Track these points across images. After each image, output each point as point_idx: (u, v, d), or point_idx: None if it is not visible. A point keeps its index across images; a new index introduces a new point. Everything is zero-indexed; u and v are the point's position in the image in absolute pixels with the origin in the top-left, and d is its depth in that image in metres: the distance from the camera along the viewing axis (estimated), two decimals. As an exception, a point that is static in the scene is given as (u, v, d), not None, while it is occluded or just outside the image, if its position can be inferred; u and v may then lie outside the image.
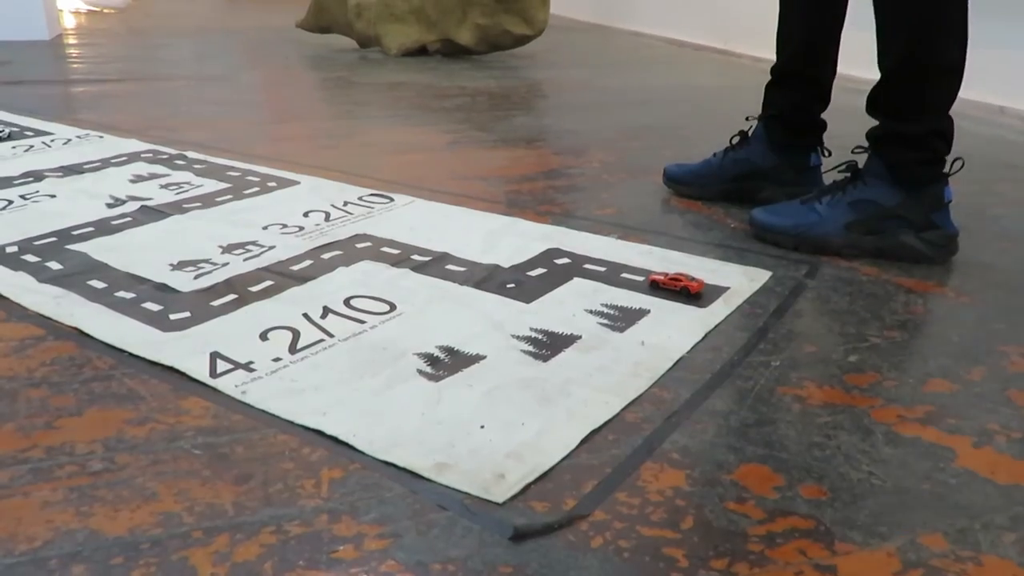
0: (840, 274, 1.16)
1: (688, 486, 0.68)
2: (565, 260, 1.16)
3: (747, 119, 1.49)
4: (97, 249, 1.18)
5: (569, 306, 1.01)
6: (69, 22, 4.56)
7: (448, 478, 0.68)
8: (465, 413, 0.78)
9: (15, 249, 1.18)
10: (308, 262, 1.14)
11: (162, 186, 1.49)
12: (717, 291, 1.07)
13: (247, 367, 0.86)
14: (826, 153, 1.43)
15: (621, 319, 0.98)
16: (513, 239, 1.24)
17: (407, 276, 1.10)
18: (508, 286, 1.07)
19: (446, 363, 0.87)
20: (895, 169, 1.20)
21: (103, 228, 1.27)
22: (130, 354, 0.89)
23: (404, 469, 0.70)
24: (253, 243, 1.21)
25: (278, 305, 1.01)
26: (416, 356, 0.88)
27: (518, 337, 0.93)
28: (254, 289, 1.05)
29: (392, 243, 1.22)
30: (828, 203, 1.24)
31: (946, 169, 1.20)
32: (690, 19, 4.01)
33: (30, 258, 1.15)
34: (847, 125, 1.40)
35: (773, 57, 1.43)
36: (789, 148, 1.43)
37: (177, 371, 0.85)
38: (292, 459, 0.71)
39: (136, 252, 1.17)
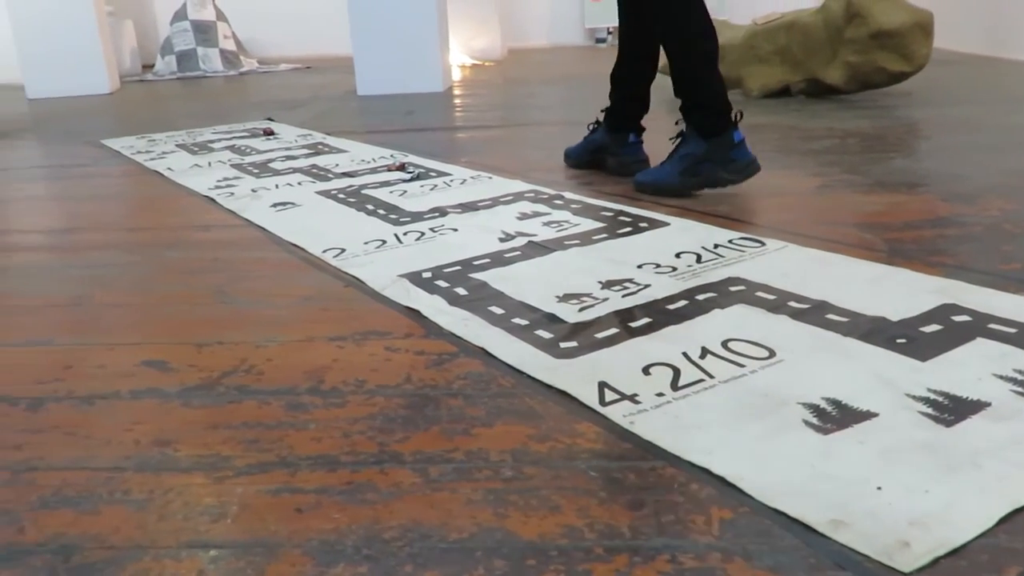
0: None
1: None
2: (964, 318, 1.06)
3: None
4: (494, 278, 1.32)
5: (973, 369, 0.92)
6: (456, 75, 5.18)
7: (844, 536, 0.66)
8: (858, 471, 0.74)
9: (429, 275, 1.36)
10: (683, 302, 1.17)
11: (544, 223, 1.63)
12: None
13: (632, 399, 0.90)
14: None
15: (1040, 389, 0.87)
16: (900, 291, 1.17)
17: (785, 323, 1.08)
18: (898, 341, 1.00)
19: (834, 416, 0.84)
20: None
21: (497, 260, 1.42)
22: (528, 376, 0.98)
23: (796, 520, 0.69)
24: (629, 280, 1.27)
25: (657, 342, 1.05)
26: (801, 405, 0.86)
27: (914, 397, 0.87)
28: (634, 325, 1.10)
29: (767, 288, 1.21)
30: (669, 162, 1.82)
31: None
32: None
33: (441, 283, 1.32)
34: None
35: None
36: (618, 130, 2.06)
37: (569, 396, 0.93)
38: (681, 493, 0.74)
39: (526, 283, 1.29)
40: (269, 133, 3.04)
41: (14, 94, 5.14)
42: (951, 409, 0.84)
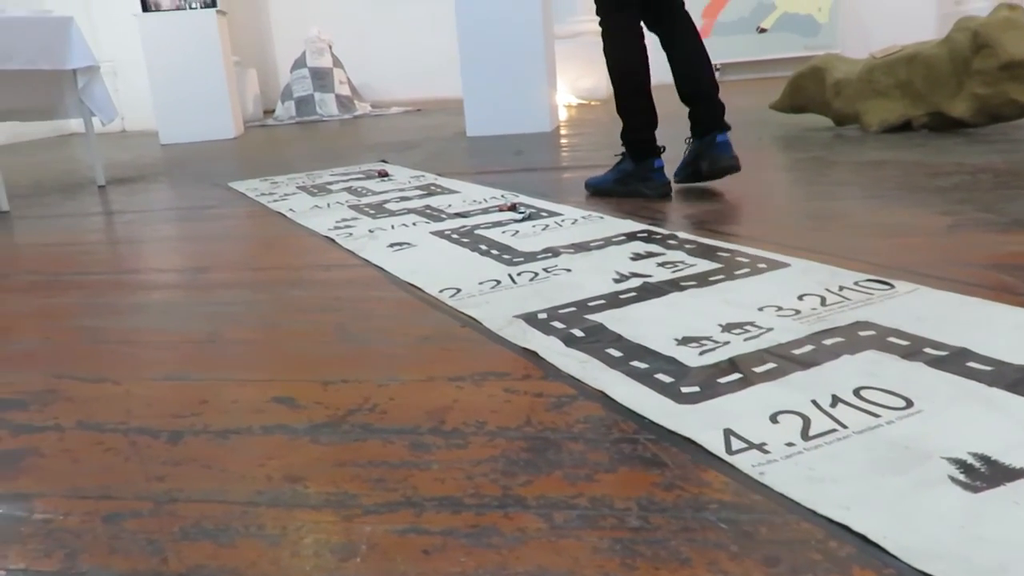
0: None
1: None
2: None
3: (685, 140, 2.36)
4: (610, 320, 1.31)
5: None
6: (563, 114, 5.22)
7: (1004, 606, 0.61)
8: (1015, 534, 0.69)
9: (544, 316, 1.36)
10: (809, 347, 1.13)
11: (659, 264, 1.61)
12: None
13: (761, 448, 0.87)
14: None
15: None
16: (1049, 338, 1.09)
17: (921, 370, 1.03)
18: (1051, 393, 0.94)
19: (983, 473, 0.79)
20: None
21: (612, 301, 1.41)
22: (650, 421, 0.97)
23: (947, 585, 0.64)
24: (751, 324, 1.24)
25: (784, 388, 1.01)
26: (945, 460, 0.81)
27: (1073, 454, 0.81)
28: (758, 370, 1.07)
29: (899, 333, 1.15)
30: (611, 172, 2.42)
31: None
32: None
33: (557, 324, 1.32)
34: None
35: None
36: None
37: (693, 443, 0.90)
38: (819, 550, 0.70)
39: (643, 325, 1.28)
40: (384, 175, 3.14)
41: (149, 140, 5.51)
42: (1118, 469, 0.77)
